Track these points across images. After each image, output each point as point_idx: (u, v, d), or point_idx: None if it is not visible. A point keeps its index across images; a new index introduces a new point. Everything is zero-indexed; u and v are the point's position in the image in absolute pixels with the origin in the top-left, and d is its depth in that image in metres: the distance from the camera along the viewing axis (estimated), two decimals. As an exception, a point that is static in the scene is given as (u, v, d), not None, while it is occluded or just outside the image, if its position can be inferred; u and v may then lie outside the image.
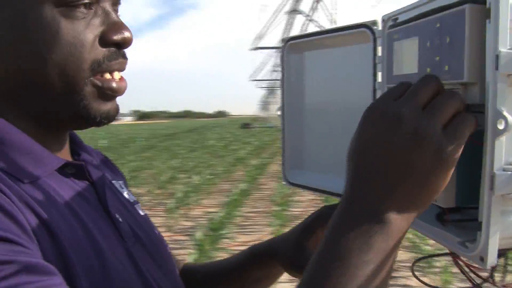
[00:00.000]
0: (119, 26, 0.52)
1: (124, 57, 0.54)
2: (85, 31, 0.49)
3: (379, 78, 0.69)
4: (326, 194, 0.87)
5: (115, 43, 0.51)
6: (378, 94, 0.69)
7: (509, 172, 0.43)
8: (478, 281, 0.56)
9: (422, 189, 0.42)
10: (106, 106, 0.52)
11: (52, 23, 0.48)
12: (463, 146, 0.43)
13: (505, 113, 0.42)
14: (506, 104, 0.43)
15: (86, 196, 0.52)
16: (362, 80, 0.75)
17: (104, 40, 0.51)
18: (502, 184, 0.43)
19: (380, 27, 0.67)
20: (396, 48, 0.60)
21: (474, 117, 0.45)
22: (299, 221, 0.72)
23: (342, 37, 0.77)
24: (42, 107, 0.51)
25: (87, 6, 0.49)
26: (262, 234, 4.93)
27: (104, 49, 0.51)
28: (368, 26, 0.70)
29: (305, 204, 6.71)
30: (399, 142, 0.42)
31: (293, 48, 0.86)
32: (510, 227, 0.45)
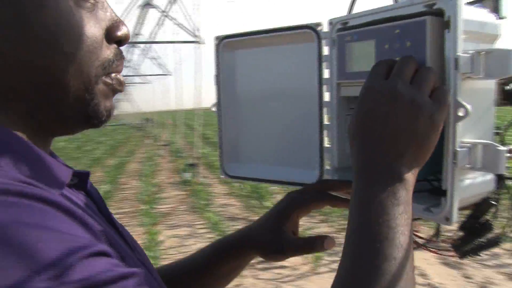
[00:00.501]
0: (120, 22, 0.50)
1: (123, 55, 0.52)
2: (95, 25, 0.47)
3: (325, 74, 0.77)
4: (266, 182, 0.94)
5: (118, 40, 0.49)
6: (325, 88, 0.78)
7: (465, 149, 0.55)
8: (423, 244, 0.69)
9: (422, 148, 0.52)
10: (110, 103, 0.50)
11: (69, 14, 0.44)
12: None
13: (464, 103, 0.54)
14: (463, 96, 0.54)
15: (91, 207, 0.50)
16: (302, 75, 0.83)
17: (109, 37, 0.48)
18: (462, 158, 0.55)
19: (326, 29, 0.75)
20: (350, 49, 0.69)
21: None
22: (171, 217, 0.76)
23: (283, 36, 0.83)
24: (50, 107, 0.46)
25: None
26: (135, 235, 4.79)
27: (111, 47, 0.49)
28: (312, 28, 0.78)
29: (172, 200, 6.68)
30: (400, 112, 0.51)
31: (228, 46, 0.90)
32: (464, 191, 0.58)
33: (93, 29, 0.46)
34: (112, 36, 0.49)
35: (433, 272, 3.72)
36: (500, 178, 0.64)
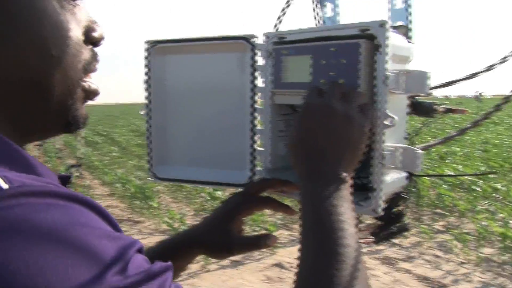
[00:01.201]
0: (95, 23, 0.49)
1: (98, 56, 0.51)
2: (77, 27, 0.46)
3: (259, 83, 0.84)
4: (197, 184, 0.97)
5: (94, 42, 0.49)
6: (258, 96, 0.85)
7: (390, 152, 0.67)
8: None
9: (355, 153, 0.61)
10: (85, 109, 0.50)
11: (56, 16, 0.43)
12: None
13: (391, 114, 0.65)
14: (390, 108, 0.65)
15: None
16: (233, 82, 0.89)
17: (86, 38, 0.48)
18: (388, 159, 0.66)
19: (261, 42, 0.82)
20: (286, 61, 0.76)
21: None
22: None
23: (217, 45, 0.88)
24: (33, 112, 0.45)
25: None
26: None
27: (87, 48, 0.48)
28: (247, 39, 0.84)
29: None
30: (337, 124, 0.61)
31: (159, 50, 0.91)
32: (387, 187, 0.69)
33: (75, 31, 0.46)
34: (89, 37, 0.49)
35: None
36: (410, 176, 0.77)
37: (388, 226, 0.77)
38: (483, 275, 3.66)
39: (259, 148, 0.87)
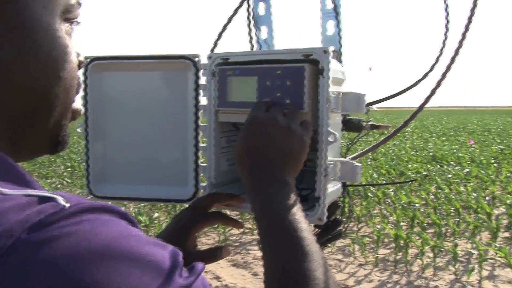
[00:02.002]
0: (79, 47, 0.51)
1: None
2: (74, 50, 0.47)
3: (202, 101, 0.87)
4: (139, 201, 0.97)
5: (80, 65, 0.50)
6: (201, 114, 0.88)
7: (332, 166, 0.74)
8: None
9: (297, 162, 0.68)
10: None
11: (62, 39, 0.44)
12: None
13: (333, 131, 0.72)
14: (332, 127, 0.73)
15: None
16: (175, 100, 0.91)
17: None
18: (330, 172, 0.73)
19: (205, 62, 0.85)
20: (232, 81, 0.81)
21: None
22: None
23: (158, 64, 0.89)
24: (31, 132, 0.45)
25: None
26: None
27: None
28: (190, 59, 0.87)
29: None
30: (281, 135, 0.67)
31: (98, 67, 0.90)
32: (329, 196, 0.76)
33: (74, 55, 0.48)
34: (79, 61, 0.50)
35: (225, 274, 4.07)
36: (344, 186, 0.86)
37: (326, 233, 0.85)
38: (380, 274, 3.98)
39: (202, 164, 0.89)
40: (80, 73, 0.52)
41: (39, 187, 0.40)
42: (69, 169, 9.32)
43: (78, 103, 0.51)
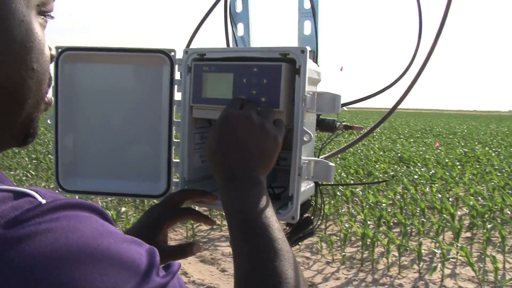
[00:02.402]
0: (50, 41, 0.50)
1: None
2: (47, 44, 0.46)
3: (177, 96, 0.86)
4: (109, 195, 0.95)
5: (51, 60, 0.49)
6: (175, 109, 0.87)
7: (305, 165, 0.74)
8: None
9: (269, 160, 0.68)
10: None
11: (37, 31, 0.43)
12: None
13: (308, 130, 0.72)
14: (307, 126, 0.73)
15: None
16: (148, 94, 0.89)
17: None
18: (304, 171, 0.74)
19: (180, 57, 0.84)
20: (207, 78, 0.80)
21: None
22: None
23: (132, 57, 0.88)
24: (5, 123, 0.43)
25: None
26: None
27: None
28: (166, 53, 0.85)
29: None
30: (254, 133, 0.67)
31: (69, 58, 0.88)
32: (302, 195, 0.77)
33: (47, 48, 0.47)
34: (51, 54, 0.49)
35: (193, 270, 4.05)
36: (317, 185, 0.86)
37: (298, 231, 0.85)
38: (347, 272, 4.05)
39: (175, 160, 0.88)
40: (52, 66, 0.51)
41: (10, 182, 0.39)
42: (34, 161, 9.07)
43: (49, 93, 0.50)
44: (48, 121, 0.90)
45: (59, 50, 0.87)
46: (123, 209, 5.22)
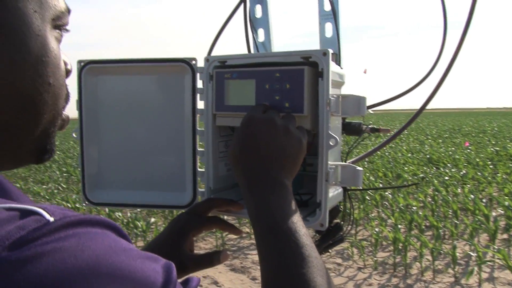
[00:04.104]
0: (66, 55, 0.50)
1: None
2: (62, 59, 0.46)
3: (200, 105, 0.85)
4: (135, 207, 0.95)
5: (67, 74, 0.49)
6: (199, 118, 0.86)
7: (332, 170, 0.72)
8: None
9: (294, 164, 0.66)
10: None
11: (53, 45, 0.43)
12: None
13: (334, 135, 0.71)
14: (332, 130, 0.71)
15: None
16: (171, 104, 0.89)
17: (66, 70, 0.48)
18: (331, 177, 0.72)
19: (202, 65, 0.83)
20: (229, 85, 0.79)
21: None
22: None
23: (153, 67, 0.88)
24: (17, 139, 0.43)
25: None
26: None
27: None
28: (187, 62, 0.85)
29: None
30: (278, 136, 0.66)
31: (92, 71, 0.88)
32: (330, 201, 0.75)
33: (62, 63, 0.47)
34: (66, 69, 0.49)
35: (224, 279, 4.04)
36: (345, 191, 0.84)
37: (327, 238, 0.83)
38: (380, 278, 3.96)
39: (200, 169, 0.88)
40: (69, 81, 0.50)
41: (23, 199, 0.38)
42: (65, 174, 9.28)
43: (69, 110, 0.50)
44: (74, 134, 0.90)
45: (82, 63, 0.88)
46: (153, 220, 5.26)
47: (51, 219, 0.33)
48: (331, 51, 0.71)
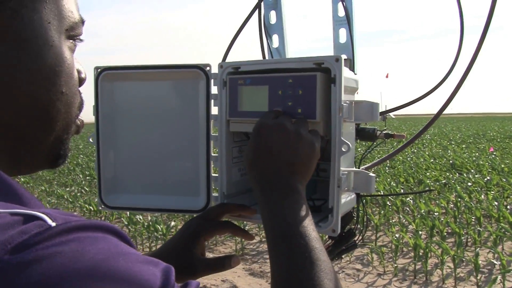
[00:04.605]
0: (80, 64, 0.51)
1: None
2: (75, 68, 0.48)
3: (214, 111, 0.86)
4: (150, 211, 0.97)
5: (81, 82, 0.51)
6: (212, 123, 0.87)
7: (345, 176, 0.72)
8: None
9: (307, 168, 0.67)
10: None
11: (66, 55, 0.45)
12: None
13: (346, 141, 0.70)
14: (345, 136, 0.71)
15: None
16: (185, 110, 0.90)
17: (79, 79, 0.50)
18: (343, 183, 0.71)
19: (216, 71, 0.84)
20: (242, 91, 0.80)
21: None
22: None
23: (167, 73, 0.89)
24: (30, 145, 0.45)
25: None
26: None
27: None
28: (201, 68, 0.86)
29: None
30: (290, 141, 0.66)
31: (108, 77, 0.90)
32: (343, 207, 0.74)
33: (75, 72, 0.48)
34: (80, 78, 0.50)
35: (242, 283, 4.04)
36: (358, 197, 0.84)
37: (341, 244, 0.83)
38: (400, 284, 3.91)
39: (214, 174, 0.88)
40: (82, 89, 0.52)
41: (34, 203, 0.39)
42: (87, 177, 9.43)
43: (86, 115, 0.51)
44: (90, 139, 0.92)
45: (98, 70, 0.90)
46: (173, 223, 5.31)
47: (53, 224, 0.33)
48: (344, 57, 0.71)
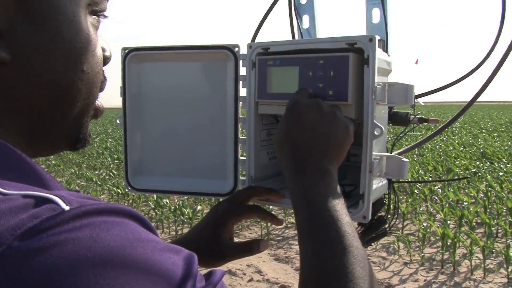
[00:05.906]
0: (104, 40, 0.50)
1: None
2: (99, 46, 0.46)
3: (242, 92, 0.84)
4: (177, 194, 0.96)
5: (105, 61, 0.49)
6: (241, 106, 0.85)
7: (377, 161, 0.70)
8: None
9: (340, 151, 0.64)
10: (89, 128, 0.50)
11: (87, 31, 0.43)
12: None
13: (379, 124, 0.68)
14: (378, 119, 0.68)
15: None
16: (213, 91, 0.89)
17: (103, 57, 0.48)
18: (375, 168, 0.69)
19: (244, 52, 0.82)
20: (272, 72, 0.78)
21: None
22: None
23: (195, 54, 0.87)
24: (51, 126, 0.43)
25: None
26: None
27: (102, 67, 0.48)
28: (230, 49, 0.84)
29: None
30: (324, 121, 0.63)
31: (135, 58, 0.89)
32: (374, 193, 0.72)
33: (99, 49, 0.46)
34: (104, 56, 0.48)
35: (267, 268, 4.06)
36: (390, 183, 0.81)
37: (371, 231, 0.80)
38: (426, 274, 3.85)
39: (241, 158, 0.87)
40: (106, 68, 0.50)
41: (53, 185, 0.38)
42: (116, 161, 9.61)
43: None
44: (117, 121, 0.92)
45: (126, 50, 0.89)
46: (199, 207, 5.35)
47: (67, 207, 0.31)
48: (377, 37, 0.68)
